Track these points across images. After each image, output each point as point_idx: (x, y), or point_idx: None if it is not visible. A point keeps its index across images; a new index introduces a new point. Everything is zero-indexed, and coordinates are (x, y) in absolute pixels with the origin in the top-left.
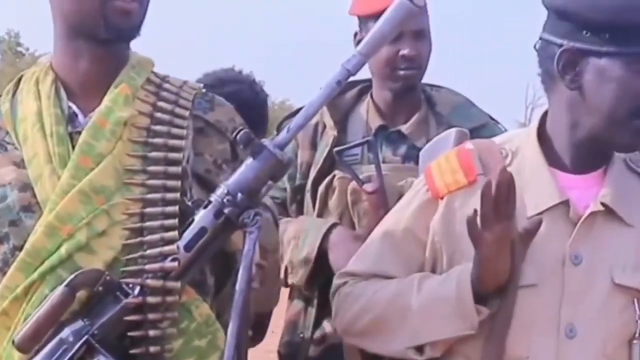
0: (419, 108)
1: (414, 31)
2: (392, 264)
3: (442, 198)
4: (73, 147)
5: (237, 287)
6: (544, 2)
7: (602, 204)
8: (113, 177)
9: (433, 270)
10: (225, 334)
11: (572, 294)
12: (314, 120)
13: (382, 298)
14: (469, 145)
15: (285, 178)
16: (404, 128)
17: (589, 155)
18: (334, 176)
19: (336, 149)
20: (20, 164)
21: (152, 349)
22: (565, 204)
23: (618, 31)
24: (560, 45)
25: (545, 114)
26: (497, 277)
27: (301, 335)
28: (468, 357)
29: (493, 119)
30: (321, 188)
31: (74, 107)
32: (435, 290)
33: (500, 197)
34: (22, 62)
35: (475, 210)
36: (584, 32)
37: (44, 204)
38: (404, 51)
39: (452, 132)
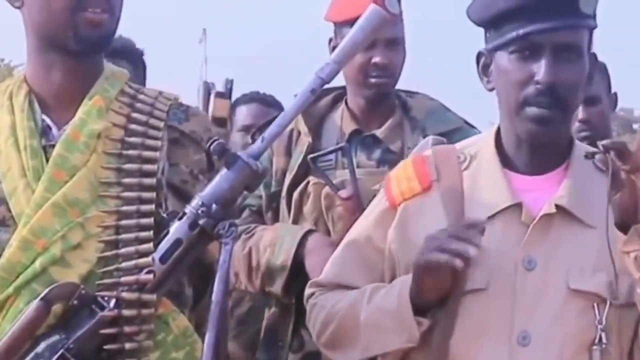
0: (393, 113)
1: (387, 39)
2: (355, 274)
3: (398, 206)
4: (47, 161)
5: (214, 298)
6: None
7: (558, 205)
8: (87, 190)
9: (393, 279)
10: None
11: (525, 300)
12: (288, 128)
13: (340, 310)
14: (427, 152)
15: (261, 186)
16: (379, 132)
17: (537, 155)
18: (308, 182)
19: (310, 155)
20: None
21: None
22: (519, 206)
23: (494, 23)
24: (480, 52)
25: None
26: (436, 288)
27: (280, 343)
28: None
29: (468, 123)
30: (296, 194)
31: (48, 120)
32: (379, 303)
33: None
34: None
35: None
36: (486, 33)
37: (19, 218)
38: (376, 59)
39: (430, 139)
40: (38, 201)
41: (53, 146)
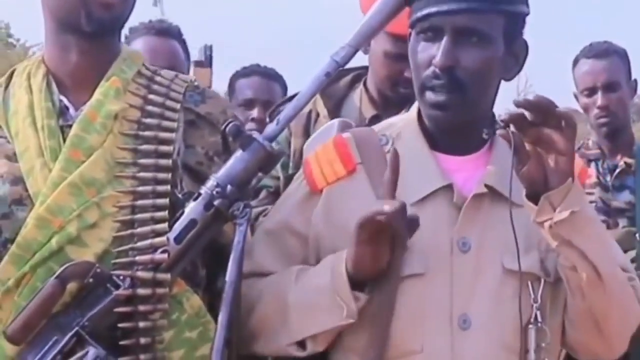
0: (412, 100)
1: None
2: (272, 262)
3: (321, 191)
4: (64, 141)
5: (227, 278)
6: None
7: (487, 185)
8: (104, 170)
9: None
10: None
11: (463, 283)
12: (306, 109)
13: (262, 295)
14: (345, 134)
15: (278, 167)
16: None
17: (455, 137)
18: None
19: None
20: (12, 158)
21: (142, 340)
22: (449, 187)
23: (408, 2)
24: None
25: None
26: (375, 263)
27: None
28: (353, 349)
29: None
30: None
31: (65, 101)
32: (310, 281)
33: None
34: (12, 53)
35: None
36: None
37: (36, 197)
38: (409, 74)
39: (335, 122)
40: (55, 180)
41: (70, 126)
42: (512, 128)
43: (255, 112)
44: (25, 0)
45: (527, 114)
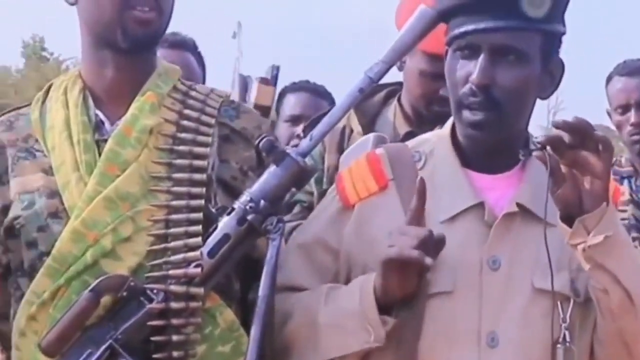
0: (448, 117)
1: None
2: (304, 277)
3: (353, 206)
4: (99, 155)
5: (260, 292)
6: None
7: (519, 204)
8: (138, 184)
9: (348, 280)
10: None
11: (491, 301)
12: (340, 124)
13: (293, 313)
14: (379, 150)
15: (312, 182)
16: None
17: (490, 155)
18: None
19: None
20: (48, 171)
21: (175, 353)
22: (480, 206)
23: (443, 18)
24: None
25: None
26: (402, 290)
27: None
28: None
29: None
30: None
31: (101, 115)
32: (339, 303)
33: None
34: (46, 67)
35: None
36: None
37: (71, 211)
38: (444, 93)
39: (371, 136)
40: (90, 194)
41: (105, 140)
42: (548, 149)
43: (300, 129)
44: (60, 15)
45: (564, 135)
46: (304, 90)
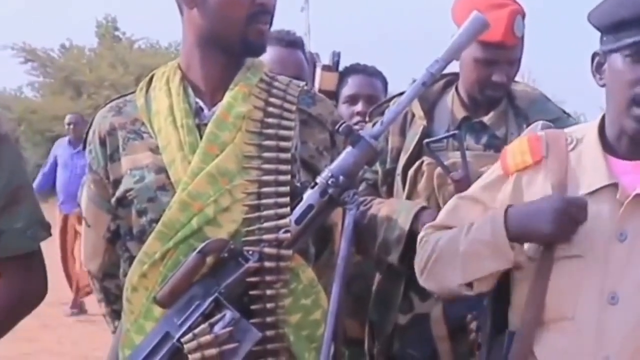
0: (500, 102)
1: (509, 60)
2: (460, 220)
3: (511, 174)
4: (200, 137)
5: (341, 254)
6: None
7: None
8: (234, 162)
9: None
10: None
11: (615, 267)
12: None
13: (442, 244)
14: (540, 132)
15: (377, 162)
16: (486, 119)
17: (637, 145)
18: (422, 162)
19: (426, 140)
20: (155, 150)
21: (268, 305)
22: (615, 186)
23: (614, 29)
24: (596, 52)
25: None
26: (566, 231)
27: (391, 304)
28: (518, 307)
29: (566, 113)
30: (410, 172)
31: (200, 103)
32: (474, 234)
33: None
34: (119, 46)
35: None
36: (603, 37)
37: (177, 185)
38: (496, 78)
39: (539, 123)
40: (194, 170)
41: (205, 124)
42: None
43: (359, 106)
44: None
45: None
46: (358, 72)
